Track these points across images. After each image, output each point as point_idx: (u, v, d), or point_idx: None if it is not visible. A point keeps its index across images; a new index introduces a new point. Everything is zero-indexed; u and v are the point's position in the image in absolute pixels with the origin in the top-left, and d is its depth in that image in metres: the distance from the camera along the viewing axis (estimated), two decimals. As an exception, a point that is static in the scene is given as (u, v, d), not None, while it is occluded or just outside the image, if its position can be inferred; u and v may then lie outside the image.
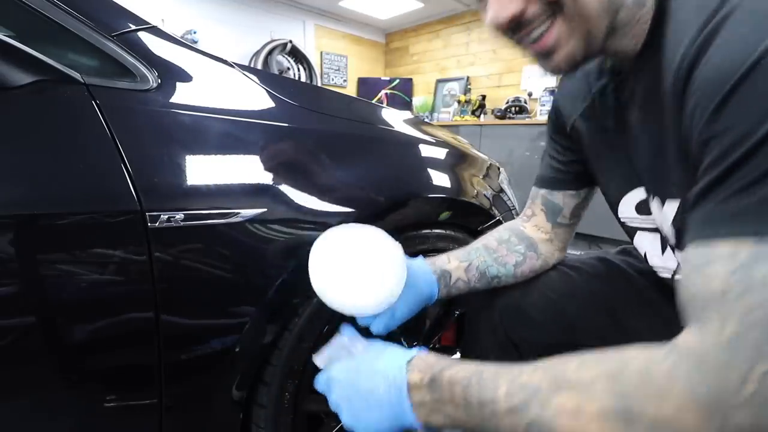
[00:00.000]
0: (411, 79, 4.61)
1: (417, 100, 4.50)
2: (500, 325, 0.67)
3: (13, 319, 0.45)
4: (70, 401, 0.51)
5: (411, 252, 0.82)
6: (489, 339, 0.68)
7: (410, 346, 0.90)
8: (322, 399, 0.50)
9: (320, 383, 0.49)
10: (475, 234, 0.96)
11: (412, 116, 1.01)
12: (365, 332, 0.54)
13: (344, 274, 0.50)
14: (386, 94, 4.44)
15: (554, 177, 0.65)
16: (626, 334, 0.59)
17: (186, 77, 0.61)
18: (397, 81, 4.50)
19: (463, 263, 0.63)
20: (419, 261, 0.62)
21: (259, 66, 3.79)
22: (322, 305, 0.54)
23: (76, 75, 0.50)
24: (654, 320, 0.57)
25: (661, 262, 0.54)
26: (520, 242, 0.66)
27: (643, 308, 0.60)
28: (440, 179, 0.85)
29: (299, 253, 0.62)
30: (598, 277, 0.66)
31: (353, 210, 0.68)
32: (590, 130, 0.56)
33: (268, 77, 0.76)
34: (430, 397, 0.39)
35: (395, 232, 0.58)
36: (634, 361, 0.31)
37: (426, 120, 1.79)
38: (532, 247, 0.66)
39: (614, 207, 0.59)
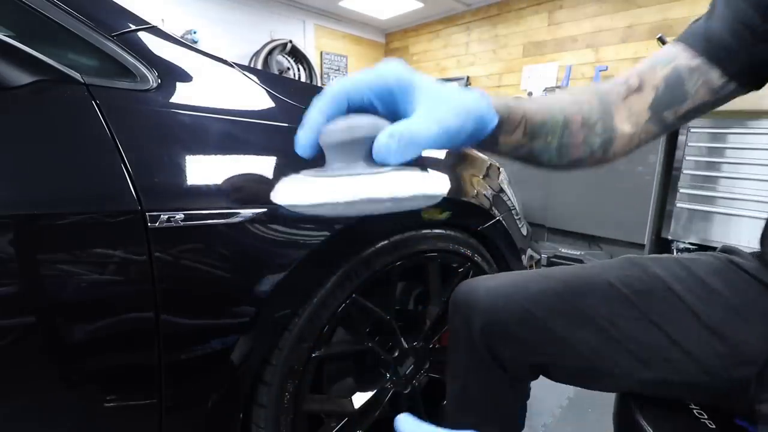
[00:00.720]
0: (411, 79, 4.61)
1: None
2: (482, 345, 0.58)
3: (12, 319, 0.45)
4: (70, 401, 0.51)
5: (411, 252, 0.82)
6: (472, 359, 0.60)
7: (409, 346, 0.90)
8: (323, 399, 0.50)
9: None
10: (475, 234, 0.96)
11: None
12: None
13: None
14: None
15: (727, 43, 0.42)
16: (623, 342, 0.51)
17: (186, 77, 0.61)
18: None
19: (527, 136, 0.43)
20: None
21: (259, 66, 3.79)
22: (322, 305, 0.54)
23: (76, 75, 0.50)
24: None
25: None
26: (601, 132, 0.45)
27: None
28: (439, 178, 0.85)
29: (299, 253, 0.62)
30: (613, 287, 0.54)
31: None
32: None
33: (268, 77, 0.76)
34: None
35: (395, 233, 0.58)
36: None
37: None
38: (605, 144, 0.45)
39: None
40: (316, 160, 0.37)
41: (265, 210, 0.58)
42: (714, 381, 0.47)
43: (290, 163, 0.65)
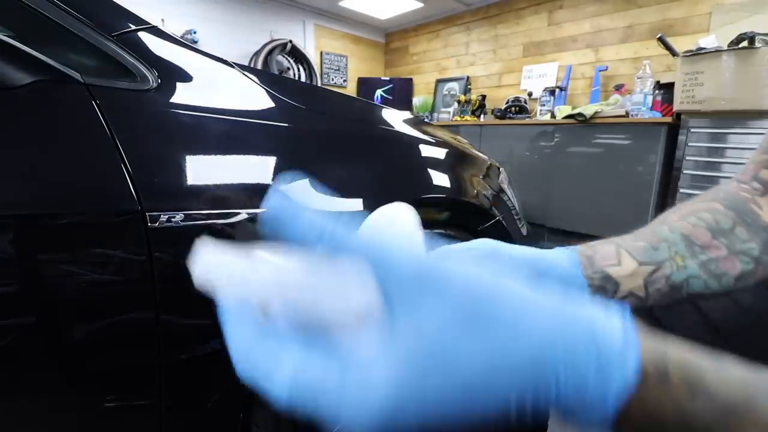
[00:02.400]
0: (411, 79, 4.61)
1: (417, 100, 4.51)
2: None
3: (12, 319, 0.45)
4: (69, 401, 0.51)
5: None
6: None
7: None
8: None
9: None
10: (475, 234, 0.96)
11: (412, 116, 1.01)
12: None
13: None
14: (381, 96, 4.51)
15: None
16: None
17: (186, 77, 0.61)
18: (391, 86, 4.54)
19: (643, 267, 0.36)
20: (557, 251, 0.37)
21: (259, 66, 3.79)
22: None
23: (76, 75, 0.50)
24: None
25: None
26: (751, 236, 0.37)
27: None
28: (440, 179, 0.85)
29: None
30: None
31: (356, 211, 0.68)
32: None
33: (268, 77, 0.76)
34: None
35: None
36: None
37: (426, 120, 1.79)
38: None
39: None
40: None
41: (265, 210, 0.58)
42: None
43: (290, 163, 0.65)
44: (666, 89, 2.48)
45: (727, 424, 0.18)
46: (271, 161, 0.62)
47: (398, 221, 0.28)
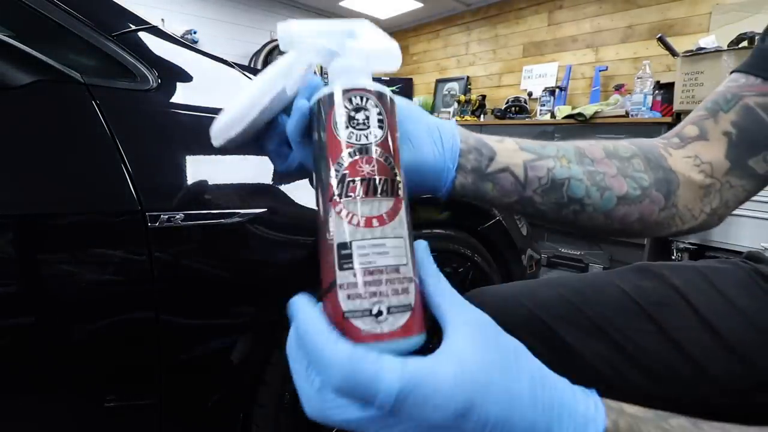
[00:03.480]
0: (411, 79, 4.61)
1: (417, 101, 4.50)
2: None
3: (12, 319, 0.45)
4: (70, 401, 0.51)
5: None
6: None
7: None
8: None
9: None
10: (475, 234, 0.96)
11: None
12: None
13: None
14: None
15: None
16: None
17: (186, 77, 0.61)
18: (400, 85, 4.52)
19: (525, 152, 0.36)
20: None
21: (259, 66, 3.79)
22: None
23: (76, 75, 0.50)
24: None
25: None
26: (646, 169, 0.38)
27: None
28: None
29: (299, 253, 0.62)
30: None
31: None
32: None
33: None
34: None
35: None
36: None
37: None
38: (665, 187, 0.37)
39: None
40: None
41: (265, 210, 0.58)
42: (732, 404, 0.43)
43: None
44: (666, 89, 2.48)
45: None
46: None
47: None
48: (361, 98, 0.25)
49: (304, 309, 0.23)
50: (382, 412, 0.20)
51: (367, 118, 0.25)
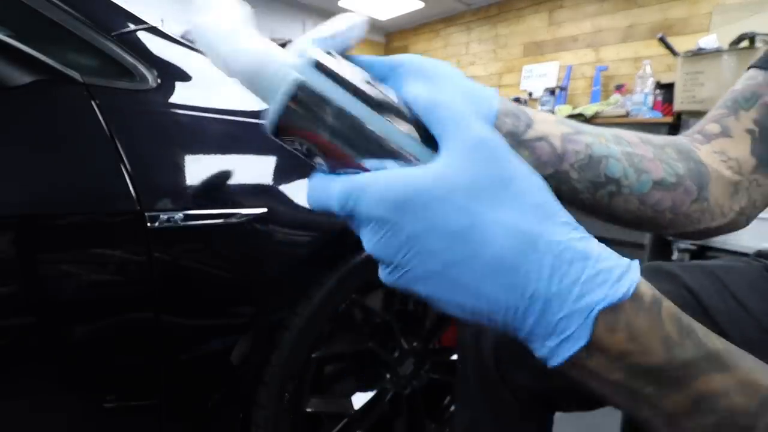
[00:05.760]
0: (411, 79, 4.61)
1: (417, 100, 4.49)
2: (494, 367, 0.49)
3: (12, 319, 0.45)
4: (70, 401, 0.51)
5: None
6: (483, 385, 0.51)
7: (409, 346, 0.89)
8: (323, 400, 0.49)
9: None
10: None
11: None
12: None
13: None
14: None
15: None
16: None
17: (186, 77, 0.61)
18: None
19: (563, 125, 0.35)
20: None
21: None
22: (321, 305, 0.54)
23: (76, 75, 0.50)
24: None
25: None
26: (680, 159, 0.38)
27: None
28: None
29: (299, 253, 0.62)
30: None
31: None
32: None
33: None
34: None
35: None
36: None
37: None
38: (697, 178, 0.37)
39: None
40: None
41: (265, 210, 0.58)
42: None
43: (289, 163, 0.65)
44: (666, 89, 2.48)
45: (710, 369, 0.19)
46: (270, 161, 0.62)
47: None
48: None
49: None
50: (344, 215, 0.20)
51: None
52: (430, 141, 0.22)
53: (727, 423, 0.18)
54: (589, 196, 0.36)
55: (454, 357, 0.94)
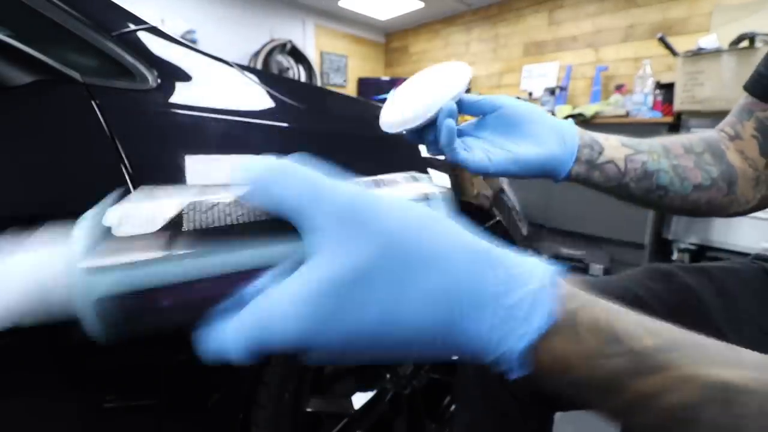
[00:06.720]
0: (411, 79, 4.61)
1: (417, 100, 4.50)
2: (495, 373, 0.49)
3: (12, 320, 0.45)
4: (68, 401, 0.51)
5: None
6: (483, 384, 0.52)
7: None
8: (323, 400, 0.49)
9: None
10: (475, 234, 0.96)
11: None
12: None
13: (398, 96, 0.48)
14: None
15: None
16: None
17: (186, 77, 0.61)
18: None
19: (626, 148, 0.45)
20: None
21: (259, 66, 3.79)
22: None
23: (76, 75, 0.50)
24: None
25: None
26: (714, 163, 0.47)
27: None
28: (440, 179, 0.85)
29: (299, 253, 0.62)
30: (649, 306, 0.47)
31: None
32: None
33: (268, 77, 0.76)
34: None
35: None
36: None
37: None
38: (728, 178, 0.47)
39: None
40: None
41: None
42: None
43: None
44: (666, 89, 2.48)
45: (637, 374, 0.19)
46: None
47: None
48: None
49: None
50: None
51: None
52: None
53: (666, 418, 0.19)
54: (644, 198, 0.46)
55: (454, 357, 0.94)
